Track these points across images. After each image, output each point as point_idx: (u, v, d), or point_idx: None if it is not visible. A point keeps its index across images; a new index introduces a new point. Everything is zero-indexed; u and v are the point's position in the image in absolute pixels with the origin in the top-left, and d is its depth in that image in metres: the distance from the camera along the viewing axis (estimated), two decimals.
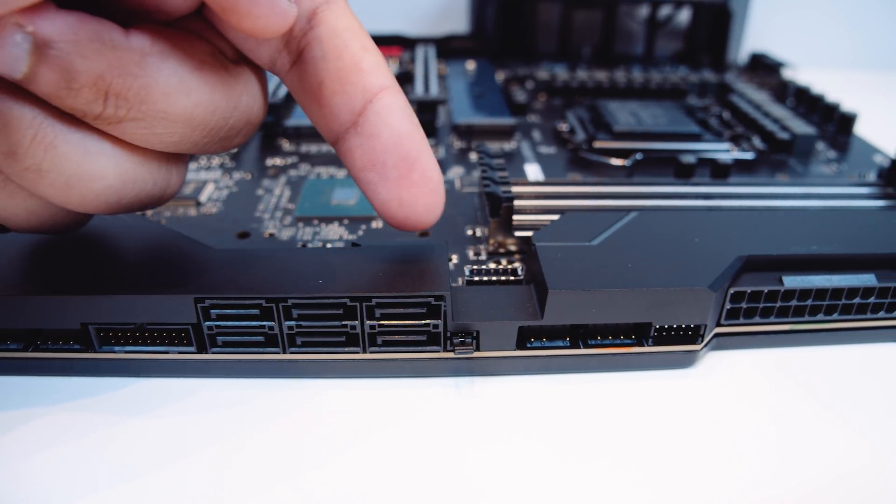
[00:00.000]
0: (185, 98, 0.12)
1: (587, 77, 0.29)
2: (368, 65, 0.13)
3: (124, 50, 0.11)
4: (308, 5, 0.13)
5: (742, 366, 0.15)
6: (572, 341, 0.14)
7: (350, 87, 0.13)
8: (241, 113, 0.13)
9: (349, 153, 0.13)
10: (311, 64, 0.13)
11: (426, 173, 0.13)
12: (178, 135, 0.12)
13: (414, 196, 0.13)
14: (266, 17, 0.11)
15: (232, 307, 0.14)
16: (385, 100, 0.13)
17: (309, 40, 0.13)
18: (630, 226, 0.16)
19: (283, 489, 0.12)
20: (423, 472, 0.12)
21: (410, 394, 0.14)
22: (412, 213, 0.13)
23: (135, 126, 0.11)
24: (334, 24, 0.13)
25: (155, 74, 0.11)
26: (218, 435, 0.13)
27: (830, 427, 0.13)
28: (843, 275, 0.15)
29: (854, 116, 0.25)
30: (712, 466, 0.12)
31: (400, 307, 0.13)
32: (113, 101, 0.11)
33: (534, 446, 0.13)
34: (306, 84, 0.13)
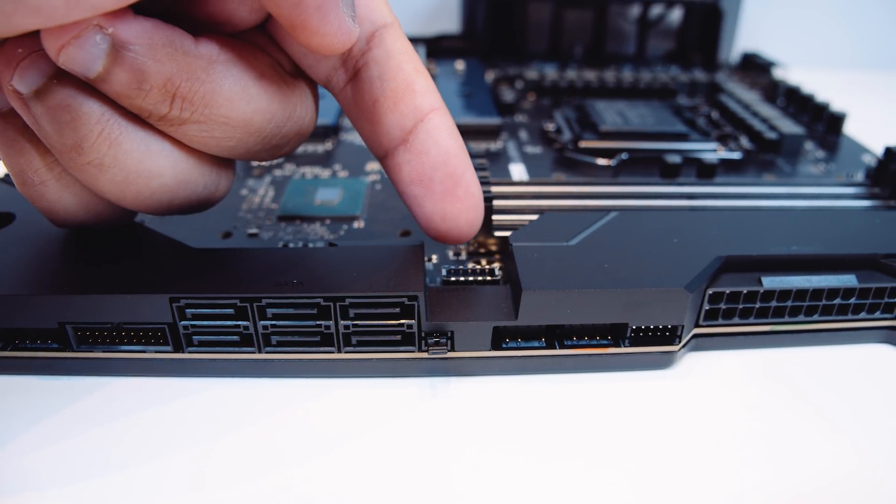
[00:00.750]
0: (246, 105, 0.12)
1: (576, 77, 0.29)
2: (421, 86, 0.14)
3: (194, 56, 0.11)
4: (368, 28, 0.14)
5: (721, 367, 0.15)
6: (548, 342, 0.14)
7: (403, 106, 0.13)
8: (293, 123, 0.14)
9: (397, 168, 0.14)
10: (366, 83, 0.14)
11: (469, 189, 0.14)
12: (235, 139, 0.13)
13: (457, 211, 0.14)
14: (333, 35, 0.11)
15: (207, 307, 0.14)
16: (435, 120, 0.14)
17: (367, 60, 0.14)
18: (609, 226, 0.16)
19: (259, 489, 0.12)
20: (397, 473, 0.12)
21: (385, 394, 0.14)
22: (454, 227, 0.14)
23: (196, 129, 0.12)
24: (391, 46, 0.14)
25: (220, 81, 0.12)
26: (193, 434, 0.13)
27: (810, 429, 0.13)
28: (824, 275, 0.15)
29: (843, 116, 0.25)
30: (688, 468, 0.12)
31: (373, 307, 0.13)
32: (179, 104, 0.12)
33: (508, 447, 0.13)
34: (360, 101, 0.14)
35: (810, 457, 0.13)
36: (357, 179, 0.21)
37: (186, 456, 0.12)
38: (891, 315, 0.16)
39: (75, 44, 0.10)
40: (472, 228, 0.14)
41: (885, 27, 0.39)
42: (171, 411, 0.13)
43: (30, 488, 0.12)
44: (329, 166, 0.22)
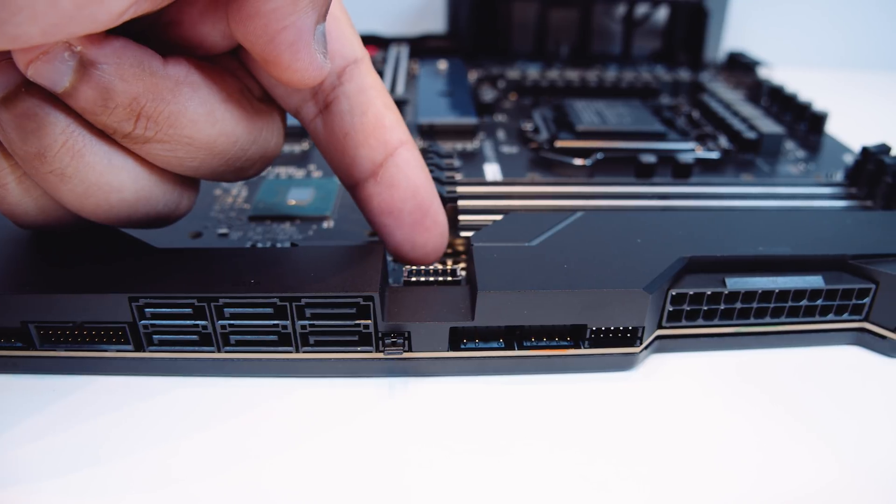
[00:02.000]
0: (211, 127, 0.12)
1: (558, 76, 0.29)
2: (390, 121, 0.14)
3: (161, 77, 0.12)
4: (339, 63, 0.14)
5: (686, 369, 0.15)
6: (507, 343, 0.14)
7: (374, 140, 0.14)
8: (258, 147, 0.14)
9: (367, 199, 0.14)
10: (337, 116, 0.14)
11: (437, 219, 0.15)
12: (198, 160, 0.13)
13: (425, 239, 0.14)
14: (303, 70, 0.12)
15: (165, 306, 0.14)
16: (404, 154, 0.14)
17: (338, 94, 0.14)
18: (573, 226, 0.16)
19: (216, 487, 0.12)
20: (351, 474, 0.12)
21: (343, 394, 0.14)
22: (422, 254, 0.15)
23: (160, 148, 0.12)
24: (362, 81, 0.14)
25: (186, 102, 0.12)
26: (155, 433, 0.13)
27: (777, 432, 0.13)
28: (790, 276, 0.15)
29: (825, 115, 0.25)
30: (647, 471, 0.12)
31: (329, 307, 0.13)
32: (143, 123, 0.12)
33: (463, 448, 0.13)
34: (330, 133, 0.14)
35: (777, 461, 0.12)
36: (330, 179, 0.21)
37: (147, 455, 0.12)
38: (860, 317, 0.16)
39: (44, 59, 0.11)
40: (438, 254, 0.15)
41: (873, 26, 0.39)
42: (133, 410, 0.13)
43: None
44: (304, 166, 0.22)
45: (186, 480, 0.12)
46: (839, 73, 0.38)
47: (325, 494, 0.12)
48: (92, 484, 0.12)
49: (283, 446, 0.13)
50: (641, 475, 0.12)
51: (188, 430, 0.13)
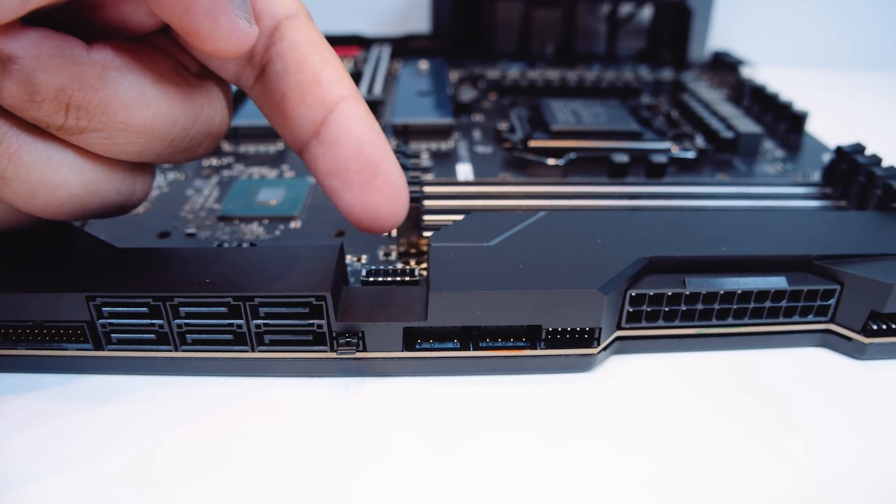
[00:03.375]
0: (145, 110, 0.12)
1: (538, 76, 0.28)
2: (328, 77, 0.13)
3: (85, 64, 0.11)
4: (269, 22, 0.13)
5: (645, 370, 0.15)
6: (463, 343, 0.14)
7: (310, 98, 0.13)
8: (202, 124, 0.13)
9: (313, 162, 0.14)
10: (273, 78, 0.13)
11: (389, 178, 0.13)
12: (139, 145, 0.12)
13: (377, 201, 0.13)
14: (226, 38, 0.11)
15: (122, 305, 0.14)
16: (345, 109, 0.13)
17: (271, 55, 0.13)
18: (534, 226, 0.15)
19: (171, 486, 0.12)
20: (302, 474, 0.12)
21: (299, 394, 0.14)
22: (376, 218, 0.13)
23: (96, 137, 0.12)
24: (294, 38, 0.13)
25: (115, 87, 0.12)
26: (112, 432, 0.13)
27: (735, 435, 0.13)
28: (752, 277, 0.15)
29: (805, 115, 0.25)
30: (601, 473, 0.12)
31: (283, 306, 0.13)
32: (74, 113, 0.11)
33: (416, 449, 0.12)
34: (269, 97, 0.14)
35: (738, 465, 0.12)
36: (301, 179, 0.21)
37: (105, 454, 0.12)
38: (825, 318, 0.15)
39: None
40: (396, 217, 0.14)
41: (861, 26, 0.38)
42: (92, 409, 0.13)
43: None
44: (277, 167, 0.22)
45: (146, 480, 0.12)
46: (826, 72, 0.37)
47: (275, 494, 0.12)
48: (50, 482, 0.12)
49: (237, 446, 0.12)
50: (596, 476, 0.12)
51: (147, 429, 0.13)
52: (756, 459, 0.12)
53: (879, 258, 0.15)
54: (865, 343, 0.15)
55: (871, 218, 0.17)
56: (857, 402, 0.14)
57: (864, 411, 0.14)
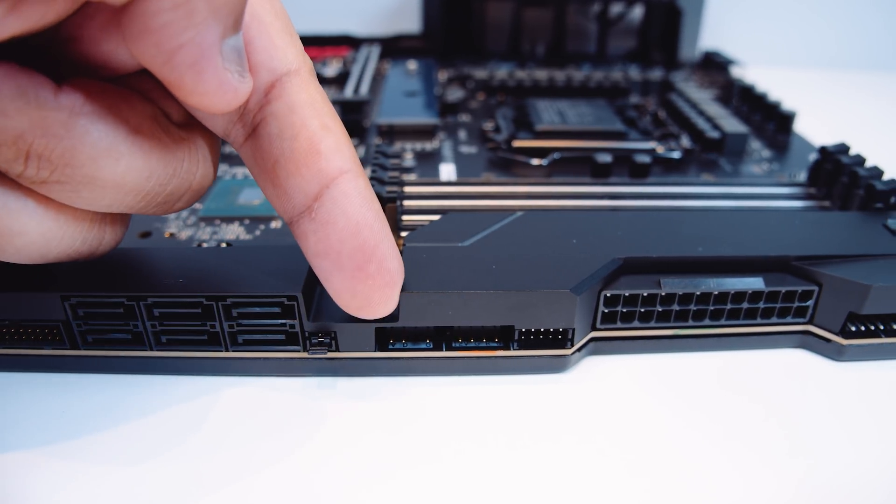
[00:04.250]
0: (115, 163, 0.11)
1: (526, 76, 0.28)
2: (327, 146, 0.12)
3: (50, 109, 0.10)
4: (266, 77, 0.12)
5: (620, 371, 0.15)
6: (436, 343, 0.14)
7: (306, 170, 0.12)
8: (180, 180, 0.12)
9: (304, 238, 0.12)
10: (265, 140, 0.12)
11: (383, 265, 0.12)
12: (108, 199, 0.11)
13: (369, 288, 0.12)
14: (213, 94, 0.10)
15: (96, 306, 0.14)
16: (343, 186, 0.12)
17: (265, 115, 0.12)
18: (510, 227, 0.15)
19: (147, 485, 0.12)
20: (273, 473, 0.12)
21: (271, 393, 0.14)
22: (365, 305, 0.12)
23: (59, 189, 0.11)
24: (293, 98, 0.12)
25: (82, 136, 0.10)
26: (86, 432, 0.13)
27: (711, 437, 0.13)
28: (728, 278, 0.15)
29: (792, 115, 0.24)
30: (570, 473, 0.12)
31: (255, 307, 0.13)
32: (35, 162, 0.10)
33: (385, 449, 0.12)
34: (260, 161, 0.12)
35: (715, 468, 0.12)
36: None
37: (82, 453, 0.12)
38: (804, 319, 0.15)
39: None
40: (387, 306, 0.13)
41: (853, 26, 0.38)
42: (69, 408, 0.13)
43: None
44: None
45: (122, 478, 0.12)
46: (818, 72, 0.37)
47: (245, 492, 0.12)
48: (24, 480, 0.12)
49: (209, 445, 0.13)
50: (568, 476, 0.12)
51: (122, 429, 0.13)
52: (734, 461, 0.12)
53: (858, 259, 0.15)
54: (844, 344, 0.15)
55: (852, 218, 0.17)
56: (836, 404, 0.14)
57: (842, 413, 0.14)
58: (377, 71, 0.30)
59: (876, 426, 0.13)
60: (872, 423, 0.13)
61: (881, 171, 0.18)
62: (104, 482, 0.12)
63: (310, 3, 0.13)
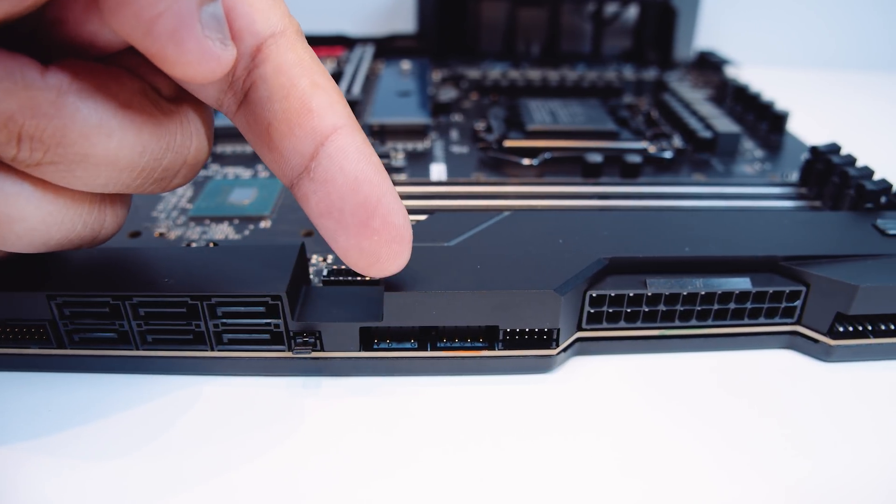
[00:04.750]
0: (107, 139, 0.11)
1: (519, 76, 0.28)
2: (319, 104, 0.12)
3: (38, 89, 0.10)
4: (250, 42, 0.12)
5: (606, 372, 0.15)
6: (421, 343, 0.14)
7: (299, 129, 0.12)
8: (175, 154, 0.12)
9: (304, 199, 0.12)
10: (257, 105, 0.12)
11: (388, 219, 0.12)
12: (102, 177, 0.11)
13: (375, 244, 0.12)
14: (196, 63, 0.10)
15: (82, 305, 0.14)
16: (339, 141, 0.12)
17: (254, 79, 0.12)
18: (496, 226, 0.15)
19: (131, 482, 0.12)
20: (258, 472, 0.12)
21: (257, 392, 0.14)
22: (374, 262, 0.12)
23: (54, 169, 0.11)
24: (280, 60, 0.12)
25: (72, 115, 0.10)
26: (72, 430, 0.13)
27: (698, 438, 0.13)
28: (715, 278, 0.15)
29: (786, 115, 0.24)
30: (555, 473, 0.12)
31: (239, 306, 0.13)
32: (27, 144, 0.10)
33: (368, 448, 0.12)
34: (254, 127, 0.12)
35: (704, 468, 0.12)
36: (274, 179, 0.21)
37: (68, 451, 0.12)
38: (791, 319, 0.15)
39: None
40: (397, 262, 0.12)
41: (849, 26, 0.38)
42: (55, 408, 0.13)
43: None
44: (252, 167, 0.22)
45: (107, 477, 0.12)
46: (815, 72, 0.37)
47: (229, 490, 0.11)
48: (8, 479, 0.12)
49: (194, 444, 0.13)
50: (552, 476, 0.12)
51: (109, 428, 0.13)
52: (721, 462, 0.12)
53: (846, 259, 0.15)
54: (832, 345, 0.15)
55: (841, 218, 0.17)
56: (824, 405, 0.14)
57: (830, 414, 0.13)
58: (371, 71, 0.30)
59: (864, 427, 0.13)
60: (860, 424, 0.13)
61: (871, 171, 0.18)
62: (89, 479, 0.12)
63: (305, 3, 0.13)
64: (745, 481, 0.12)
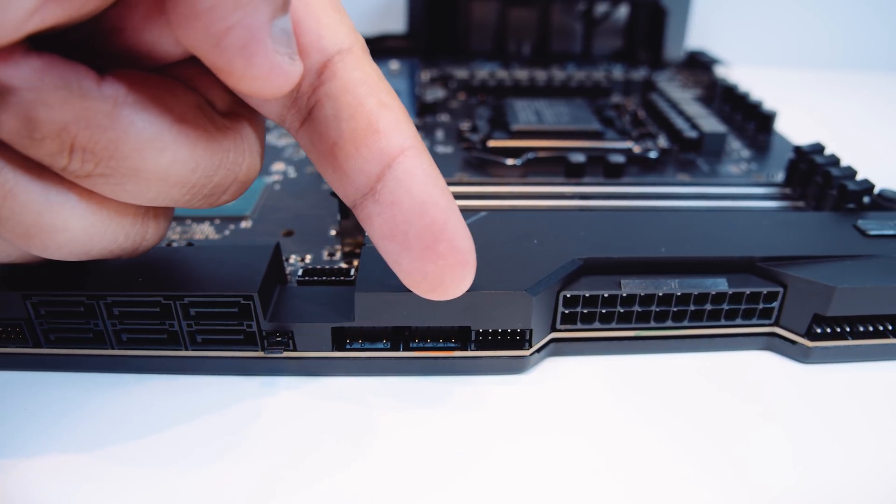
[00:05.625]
0: (160, 154, 0.11)
1: (507, 75, 0.28)
2: (386, 124, 0.12)
3: (94, 99, 0.10)
4: (317, 58, 0.12)
5: (581, 373, 0.15)
6: (394, 343, 0.14)
7: (366, 150, 0.11)
8: (227, 171, 0.12)
9: (368, 220, 0.12)
10: (322, 123, 0.12)
11: (454, 244, 0.12)
12: (153, 192, 0.11)
13: (440, 269, 0.12)
14: (263, 78, 0.10)
15: (57, 304, 0.14)
16: (406, 164, 0.12)
17: (319, 97, 0.12)
18: (472, 227, 0.15)
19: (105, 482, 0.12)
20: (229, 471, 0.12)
21: (230, 392, 0.14)
22: (438, 286, 0.12)
23: (104, 182, 0.11)
24: (347, 77, 0.12)
25: (127, 127, 0.10)
26: (47, 430, 0.13)
27: (673, 438, 0.13)
28: (691, 279, 0.15)
29: (773, 115, 0.24)
30: (525, 475, 0.12)
31: (212, 306, 0.13)
32: (79, 155, 0.10)
33: (337, 449, 0.12)
34: (318, 145, 0.12)
35: (679, 471, 0.12)
36: (258, 179, 0.21)
37: (43, 450, 0.12)
38: (769, 321, 0.15)
39: None
40: (461, 286, 0.12)
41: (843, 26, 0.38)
42: (30, 407, 0.14)
43: None
44: None
45: (79, 477, 0.12)
46: (807, 72, 0.37)
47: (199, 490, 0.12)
48: None
49: (166, 443, 0.13)
50: (522, 478, 0.12)
51: (84, 427, 0.13)
52: (698, 463, 0.12)
53: (824, 260, 0.15)
54: (810, 347, 0.15)
55: (823, 219, 0.17)
56: (802, 407, 0.14)
57: (807, 416, 0.13)
58: None
59: (841, 429, 0.13)
60: (838, 426, 0.13)
61: (854, 171, 0.18)
62: (59, 478, 0.12)
63: None
64: (722, 483, 0.12)
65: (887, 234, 0.16)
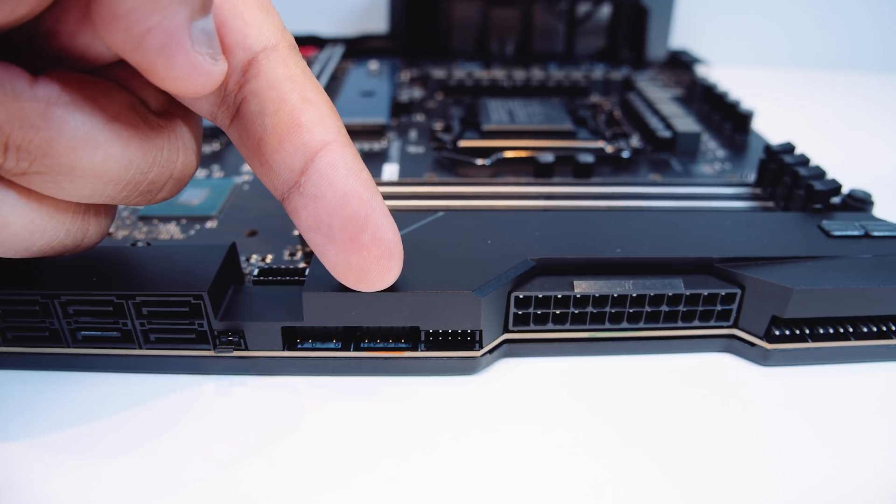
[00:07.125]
0: (93, 152, 0.11)
1: (484, 75, 0.28)
2: (309, 119, 0.12)
3: (27, 100, 0.10)
4: (242, 56, 0.12)
5: (532, 374, 0.14)
6: (345, 343, 0.14)
7: (289, 144, 0.12)
8: (161, 168, 0.12)
9: (295, 213, 0.12)
10: (249, 119, 0.12)
11: (377, 235, 0.12)
12: (88, 189, 0.11)
13: (364, 260, 0.12)
14: (186, 78, 0.10)
15: (13, 303, 0.14)
16: (328, 157, 0.12)
17: (245, 94, 0.12)
18: (427, 227, 0.15)
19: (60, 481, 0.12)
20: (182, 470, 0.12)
21: (183, 390, 0.14)
22: (363, 277, 0.12)
23: (39, 179, 0.11)
24: (272, 74, 0.12)
25: (60, 126, 0.10)
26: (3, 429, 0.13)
27: (627, 442, 0.13)
28: (646, 280, 0.14)
29: (750, 114, 0.24)
30: (470, 476, 0.12)
31: (164, 306, 0.13)
32: (14, 154, 0.10)
33: (284, 447, 0.12)
34: (246, 140, 0.12)
35: (630, 475, 0.12)
36: (227, 180, 0.21)
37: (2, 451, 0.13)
38: (728, 323, 0.15)
39: None
40: (386, 278, 0.12)
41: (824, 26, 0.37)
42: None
43: None
44: (207, 167, 0.22)
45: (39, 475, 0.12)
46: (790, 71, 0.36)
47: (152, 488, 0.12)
48: None
49: (119, 441, 0.13)
50: (468, 479, 0.12)
51: (40, 425, 0.13)
52: (654, 467, 0.12)
53: (785, 261, 0.15)
54: (769, 349, 0.15)
55: (787, 219, 0.17)
56: (760, 410, 0.14)
57: (765, 419, 0.13)
58: (339, 71, 0.30)
59: (800, 433, 0.13)
60: (797, 429, 0.13)
61: (823, 171, 0.18)
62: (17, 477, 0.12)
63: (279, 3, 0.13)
64: (681, 485, 0.12)
65: (851, 234, 0.16)
